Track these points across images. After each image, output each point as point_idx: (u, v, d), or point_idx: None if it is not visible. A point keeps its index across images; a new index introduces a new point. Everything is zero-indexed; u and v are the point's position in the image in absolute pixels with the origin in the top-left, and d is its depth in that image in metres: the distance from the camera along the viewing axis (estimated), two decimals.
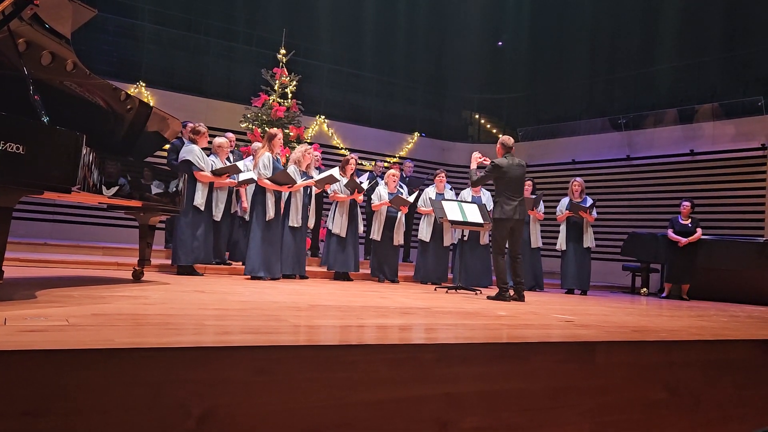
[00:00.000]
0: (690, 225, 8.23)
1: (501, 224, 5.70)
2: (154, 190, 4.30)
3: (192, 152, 6.01)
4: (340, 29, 14.45)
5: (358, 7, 14.68)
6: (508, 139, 5.90)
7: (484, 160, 5.99)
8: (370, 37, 14.69)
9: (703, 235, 8.36)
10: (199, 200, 6.00)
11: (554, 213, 8.14)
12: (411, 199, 7.43)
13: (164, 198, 4.47)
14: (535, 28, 15.19)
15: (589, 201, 7.87)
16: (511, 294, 5.63)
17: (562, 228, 7.95)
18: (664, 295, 8.27)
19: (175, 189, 4.62)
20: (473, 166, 6.00)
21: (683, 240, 8.13)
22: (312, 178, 6.75)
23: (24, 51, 3.22)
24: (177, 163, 6.23)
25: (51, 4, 3.19)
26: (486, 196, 7.84)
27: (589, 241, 7.80)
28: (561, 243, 7.94)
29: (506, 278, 5.64)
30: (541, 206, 8.06)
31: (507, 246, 5.83)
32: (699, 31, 12.57)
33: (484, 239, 7.69)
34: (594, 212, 7.84)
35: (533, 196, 7.93)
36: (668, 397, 2.78)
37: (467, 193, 7.82)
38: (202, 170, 6.03)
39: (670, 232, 8.31)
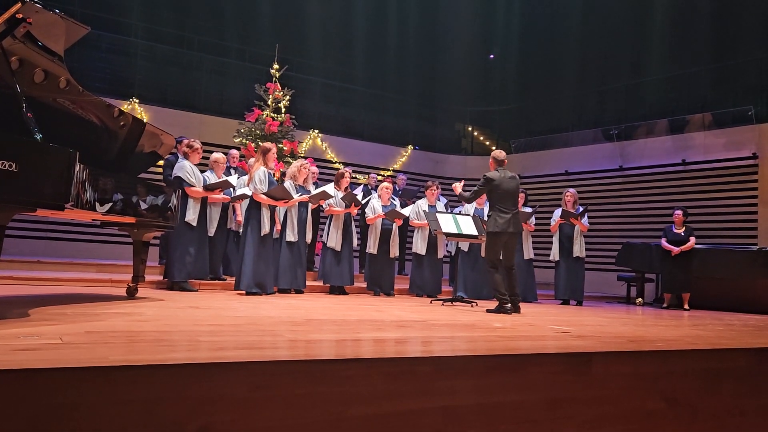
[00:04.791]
0: (683, 234, 8.23)
1: (495, 237, 5.71)
2: (148, 206, 4.29)
3: (183, 169, 6.01)
4: (332, 44, 14.54)
5: (349, 22, 14.78)
6: (500, 153, 5.94)
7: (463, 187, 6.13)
8: (361, 52, 14.78)
9: (696, 244, 8.38)
10: (191, 216, 5.99)
11: (548, 224, 8.16)
12: (406, 212, 7.44)
13: (158, 214, 4.45)
14: (526, 40, 15.31)
15: (581, 208, 7.90)
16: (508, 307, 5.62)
17: (555, 239, 7.99)
18: (664, 305, 8.24)
19: (168, 205, 4.61)
20: (459, 192, 6.06)
21: (675, 249, 8.14)
22: (309, 192, 6.75)
23: (17, 69, 3.22)
24: (171, 179, 6.23)
25: (44, 22, 3.20)
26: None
27: (578, 250, 7.81)
28: (554, 254, 7.98)
29: (503, 290, 5.63)
30: (532, 218, 8.08)
31: (500, 259, 5.83)
32: (688, 41, 12.70)
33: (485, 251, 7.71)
34: (586, 220, 7.87)
35: (528, 209, 7.95)
36: (665, 407, 2.77)
37: (471, 206, 7.85)
38: (193, 186, 6.02)
39: (663, 242, 8.32)
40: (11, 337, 2.33)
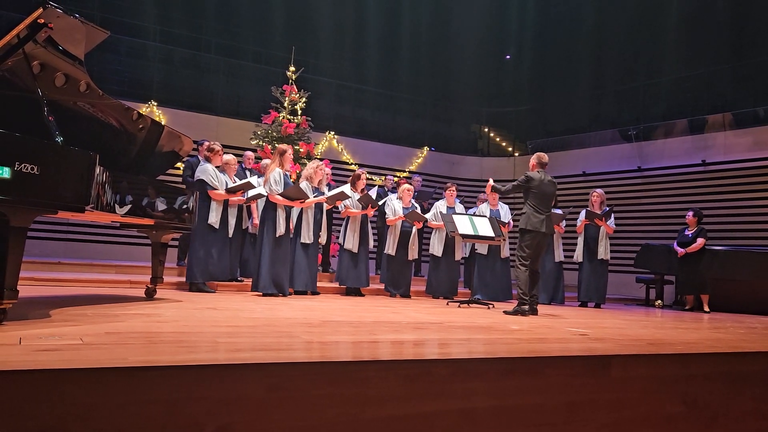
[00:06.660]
0: (690, 235, 8.18)
1: (528, 235, 5.69)
2: (165, 208, 4.33)
3: (206, 172, 6.06)
4: (347, 46, 14.58)
5: (363, 24, 14.81)
6: (543, 156, 5.98)
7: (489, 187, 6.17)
8: (375, 53, 14.80)
9: (717, 246, 8.27)
10: (213, 219, 6.04)
11: (571, 226, 8.12)
12: (427, 215, 7.44)
13: (176, 216, 4.49)
14: (541, 39, 15.22)
15: (607, 209, 7.85)
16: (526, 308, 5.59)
17: (579, 240, 7.94)
18: (687, 307, 8.17)
19: (186, 207, 4.65)
20: (493, 185, 6.10)
21: (680, 250, 8.13)
22: (324, 194, 6.76)
23: (38, 73, 3.26)
24: (192, 181, 6.29)
25: (65, 27, 3.24)
26: (504, 210, 7.84)
27: (603, 252, 7.74)
28: (578, 255, 7.93)
29: (527, 290, 5.61)
30: (563, 221, 8.04)
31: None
32: (707, 40, 12.53)
33: (505, 253, 7.66)
34: (612, 221, 7.80)
35: (558, 211, 7.88)
36: (685, 411, 2.74)
37: (485, 207, 7.82)
38: (216, 189, 6.07)
39: (674, 243, 8.32)
40: (33, 338, 2.36)
